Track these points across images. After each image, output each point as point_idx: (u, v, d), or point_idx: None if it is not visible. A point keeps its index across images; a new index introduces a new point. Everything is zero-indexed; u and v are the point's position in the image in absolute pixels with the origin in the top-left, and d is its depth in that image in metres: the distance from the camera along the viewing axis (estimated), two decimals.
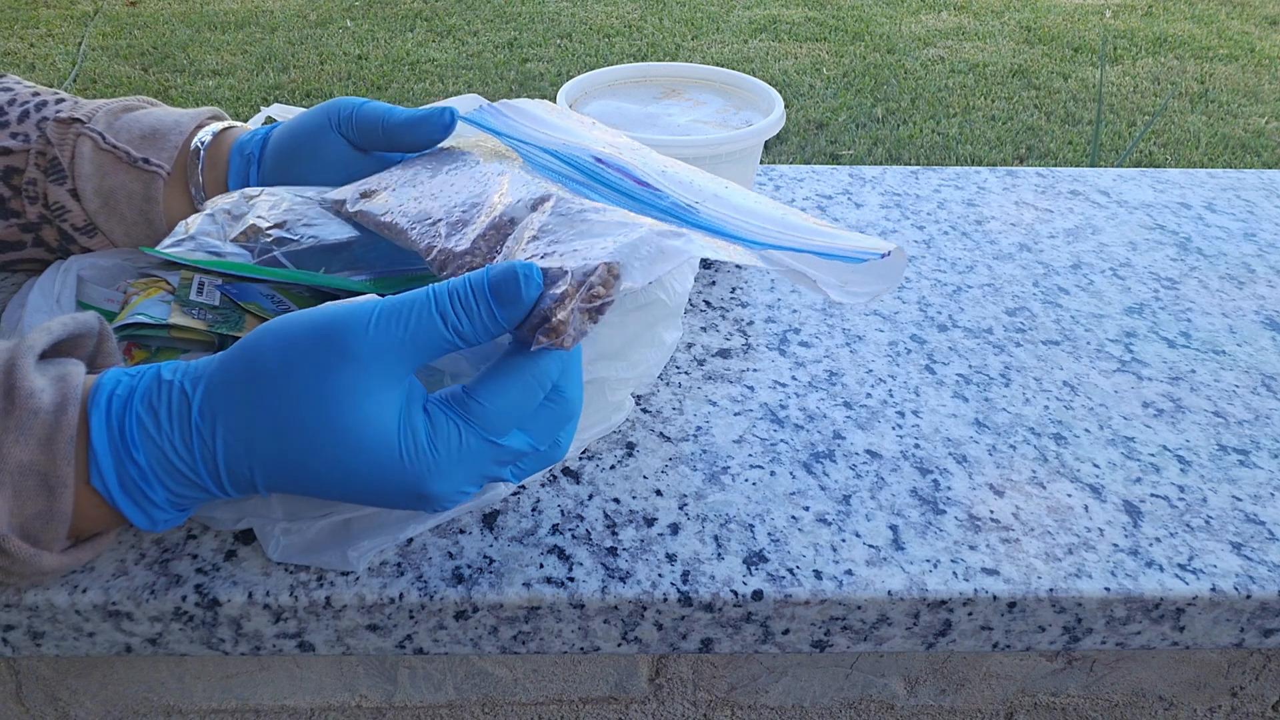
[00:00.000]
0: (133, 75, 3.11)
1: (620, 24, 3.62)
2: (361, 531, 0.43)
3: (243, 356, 0.36)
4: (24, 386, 0.35)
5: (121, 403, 0.36)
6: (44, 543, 0.36)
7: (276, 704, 0.53)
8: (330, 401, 0.35)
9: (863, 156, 2.64)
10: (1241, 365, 0.59)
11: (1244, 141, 2.77)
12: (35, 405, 0.35)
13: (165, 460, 0.36)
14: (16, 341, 0.37)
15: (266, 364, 0.35)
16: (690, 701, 0.54)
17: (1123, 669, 0.53)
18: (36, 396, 0.35)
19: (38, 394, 0.35)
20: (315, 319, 0.36)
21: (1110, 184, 0.81)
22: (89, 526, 0.38)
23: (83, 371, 0.37)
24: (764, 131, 0.63)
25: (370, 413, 0.35)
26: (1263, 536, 0.47)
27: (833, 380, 0.56)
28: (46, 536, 0.36)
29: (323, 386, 0.35)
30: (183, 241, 0.50)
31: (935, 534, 0.46)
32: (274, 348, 0.36)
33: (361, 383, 0.35)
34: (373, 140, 0.53)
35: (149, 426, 0.36)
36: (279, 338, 0.36)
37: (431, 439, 0.36)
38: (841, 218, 0.74)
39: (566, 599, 0.43)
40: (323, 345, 0.35)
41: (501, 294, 0.36)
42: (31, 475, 0.35)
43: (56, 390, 0.35)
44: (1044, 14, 3.78)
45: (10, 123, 0.54)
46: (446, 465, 0.36)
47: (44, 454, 0.35)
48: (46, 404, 0.35)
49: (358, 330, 0.35)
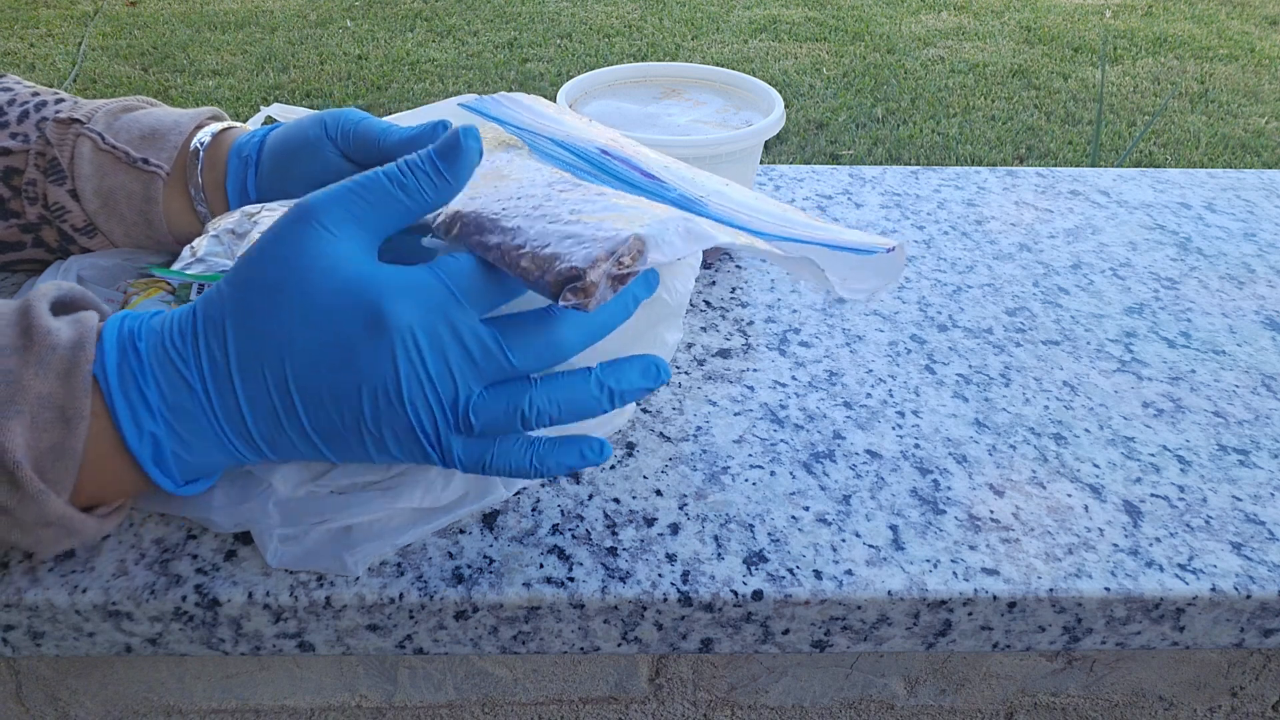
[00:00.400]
0: (133, 75, 3.11)
1: (620, 24, 3.62)
2: (361, 537, 0.43)
3: (237, 265, 0.39)
4: (41, 325, 0.37)
5: (131, 335, 0.38)
6: (53, 481, 0.36)
7: (276, 704, 0.53)
8: (309, 269, 0.37)
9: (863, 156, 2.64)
10: (1241, 365, 0.59)
11: (1244, 141, 2.77)
12: (54, 341, 0.36)
13: (177, 376, 0.37)
14: (29, 294, 0.38)
15: (252, 257, 0.38)
16: (690, 701, 0.54)
17: (1123, 669, 0.53)
18: (54, 334, 0.36)
19: (55, 331, 0.37)
20: (291, 209, 0.38)
21: (1110, 184, 0.81)
22: (99, 486, 0.38)
23: (95, 316, 0.39)
24: (764, 131, 0.63)
25: (340, 258, 0.37)
26: (1263, 536, 0.47)
27: (833, 380, 0.56)
28: (56, 473, 0.36)
29: (302, 258, 0.37)
30: (191, 265, 0.50)
31: (935, 534, 0.46)
32: (259, 243, 0.38)
33: (331, 247, 0.37)
34: (368, 156, 0.51)
35: (161, 351, 0.38)
36: (264, 235, 0.38)
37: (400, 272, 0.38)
38: (841, 218, 0.74)
39: (566, 599, 0.43)
40: (298, 223, 0.37)
41: (446, 152, 0.38)
42: (50, 407, 0.36)
43: (74, 329, 0.37)
44: (1044, 14, 3.78)
45: (10, 123, 0.54)
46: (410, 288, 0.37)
47: (62, 386, 0.36)
48: (64, 340, 0.36)
49: (325, 204, 0.37)
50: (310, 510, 0.43)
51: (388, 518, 0.44)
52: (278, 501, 0.43)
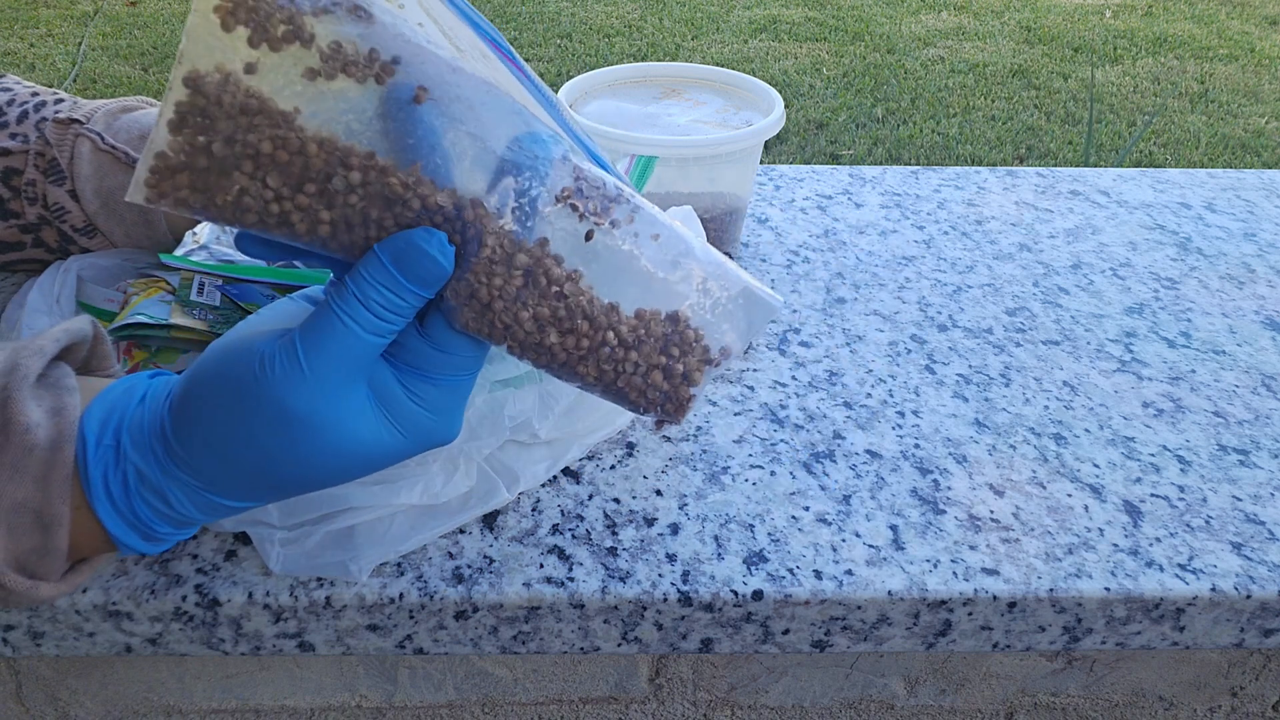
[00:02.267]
0: (133, 75, 3.11)
1: (620, 24, 3.62)
2: (364, 541, 0.43)
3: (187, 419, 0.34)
4: (19, 421, 0.34)
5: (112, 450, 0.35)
6: (40, 575, 0.35)
7: (276, 704, 0.53)
8: (311, 465, 0.34)
9: (863, 156, 2.64)
10: (1241, 365, 0.59)
11: (1244, 141, 2.77)
12: (31, 441, 0.34)
13: (163, 504, 0.35)
14: (10, 365, 0.35)
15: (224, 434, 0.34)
16: (690, 701, 0.54)
17: (1123, 669, 0.53)
18: (32, 432, 0.34)
19: (33, 429, 0.34)
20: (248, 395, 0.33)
21: (1110, 184, 0.81)
22: (86, 552, 0.37)
23: (77, 402, 0.36)
24: (764, 131, 0.63)
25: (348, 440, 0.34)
26: (1263, 536, 0.47)
27: (833, 380, 0.56)
28: (43, 569, 0.35)
29: (296, 453, 0.34)
30: (194, 251, 0.50)
31: (935, 534, 0.46)
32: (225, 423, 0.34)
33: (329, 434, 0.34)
34: None
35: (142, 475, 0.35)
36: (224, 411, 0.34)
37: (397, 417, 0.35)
38: (841, 218, 0.74)
39: (566, 599, 0.43)
40: (275, 423, 0.33)
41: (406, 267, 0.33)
42: (26, 513, 0.34)
43: (53, 425, 0.34)
44: (1044, 14, 3.78)
45: (9, 123, 0.54)
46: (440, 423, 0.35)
47: (39, 491, 0.34)
48: (42, 440, 0.34)
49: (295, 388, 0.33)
50: (309, 503, 0.43)
51: (389, 519, 0.44)
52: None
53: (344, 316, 0.33)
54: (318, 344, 0.33)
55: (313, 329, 0.33)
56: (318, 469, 0.34)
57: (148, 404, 0.36)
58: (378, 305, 0.33)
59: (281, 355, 0.33)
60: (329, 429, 0.33)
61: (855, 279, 0.67)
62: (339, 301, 0.33)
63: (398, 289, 0.33)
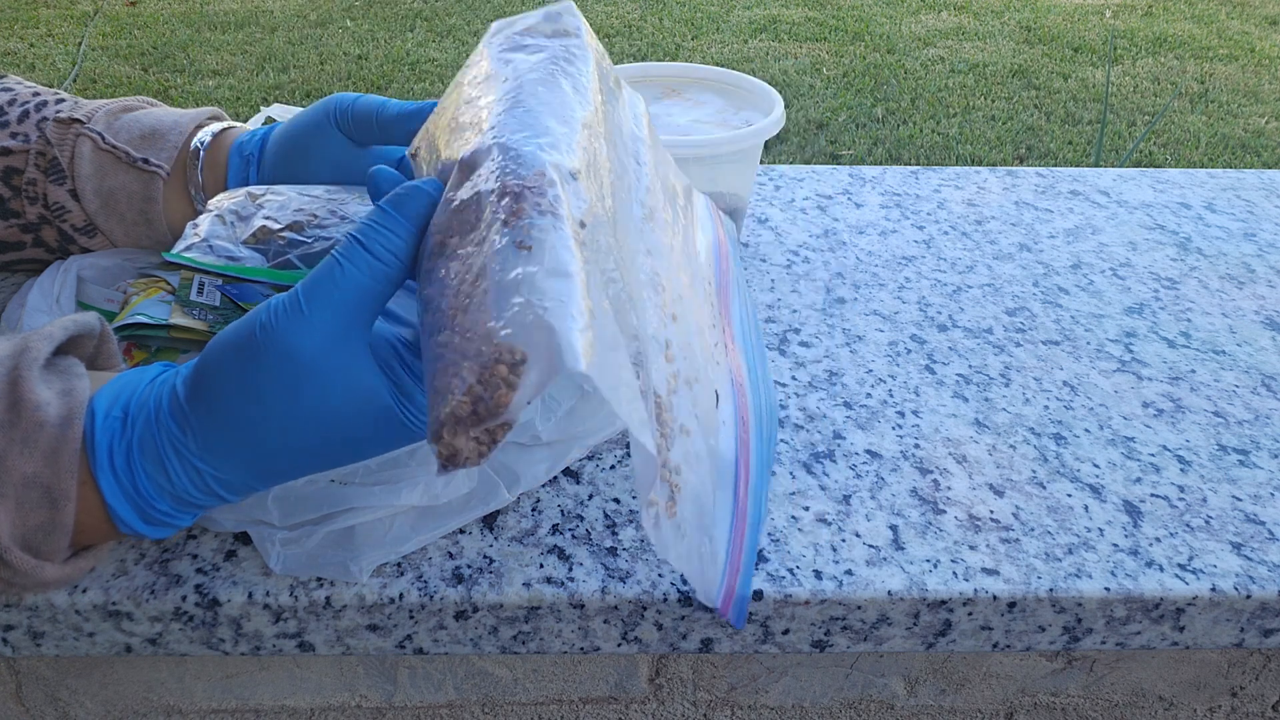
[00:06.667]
0: (133, 75, 3.11)
1: (620, 24, 3.62)
2: (364, 542, 0.43)
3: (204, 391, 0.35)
4: (30, 399, 0.35)
5: (119, 421, 0.36)
6: (45, 554, 0.36)
7: (276, 704, 0.53)
8: (310, 421, 0.34)
9: (863, 156, 2.64)
10: (1241, 365, 0.59)
11: (1244, 141, 2.77)
12: (41, 418, 0.35)
13: (162, 475, 0.36)
14: (19, 348, 0.36)
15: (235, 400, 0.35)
16: (690, 701, 0.54)
17: (1123, 669, 0.53)
18: (43, 409, 0.35)
19: (43, 406, 0.35)
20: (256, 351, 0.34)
21: (1110, 184, 0.81)
22: (89, 537, 0.38)
23: (87, 385, 0.37)
24: (764, 131, 0.63)
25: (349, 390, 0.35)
26: (1263, 536, 0.47)
27: (833, 380, 0.56)
28: (48, 548, 0.36)
29: (301, 408, 0.34)
30: (194, 245, 0.50)
31: (935, 534, 0.46)
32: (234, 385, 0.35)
33: (329, 379, 0.34)
34: (368, 134, 0.53)
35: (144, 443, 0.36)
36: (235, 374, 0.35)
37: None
38: (841, 218, 0.74)
39: (566, 599, 0.43)
40: (277, 370, 0.34)
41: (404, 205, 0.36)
42: (35, 488, 0.34)
43: (62, 404, 0.35)
44: (1044, 14, 3.78)
45: (10, 123, 0.54)
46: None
47: (48, 467, 0.34)
48: (52, 417, 0.35)
49: (297, 331, 0.34)
50: (310, 503, 0.43)
51: (390, 520, 0.44)
52: (276, 497, 0.43)
53: (343, 260, 0.35)
54: (318, 290, 0.35)
55: (314, 277, 0.35)
56: (315, 427, 0.35)
57: (158, 383, 0.37)
58: (378, 245, 0.35)
59: (284, 303, 0.35)
60: (330, 375, 0.34)
61: (855, 279, 0.67)
62: (339, 250, 0.35)
63: (394, 226, 0.35)
